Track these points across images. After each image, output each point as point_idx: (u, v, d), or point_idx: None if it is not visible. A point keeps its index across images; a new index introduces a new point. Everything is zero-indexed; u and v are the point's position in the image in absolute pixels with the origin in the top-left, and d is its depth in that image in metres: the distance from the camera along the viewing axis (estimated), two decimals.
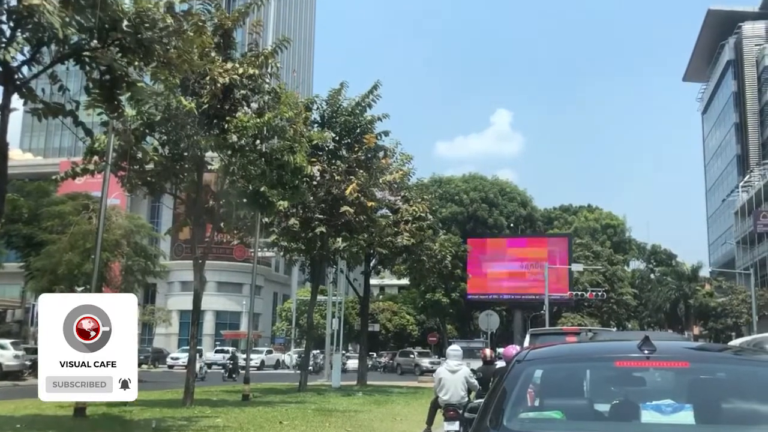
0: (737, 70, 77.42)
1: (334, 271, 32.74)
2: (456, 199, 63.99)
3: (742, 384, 3.69)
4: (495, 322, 34.84)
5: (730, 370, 3.87)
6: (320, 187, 21.65)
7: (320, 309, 46.53)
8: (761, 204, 61.78)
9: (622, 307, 65.66)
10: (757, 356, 4.38)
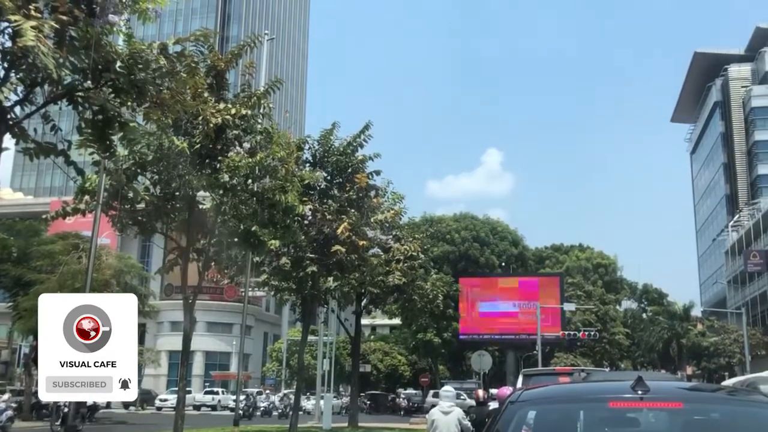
0: (724, 111, 78.59)
1: (325, 310, 32.55)
2: (447, 239, 64.04)
3: (737, 425, 3.69)
4: (487, 362, 34.62)
5: (724, 411, 3.87)
6: (312, 226, 21.61)
7: (311, 349, 46.13)
8: (751, 243, 62.13)
9: (615, 347, 65.41)
10: (751, 397, 4.36)
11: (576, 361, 55.36)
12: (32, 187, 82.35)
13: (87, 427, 23.76)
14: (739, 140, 75.87)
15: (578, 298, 62.12)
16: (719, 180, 79.74)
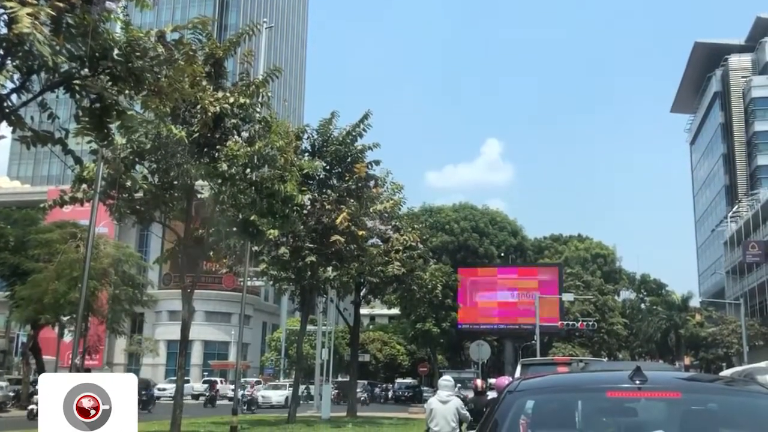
0: (724, 102, 78.46)
1: (324, 300, 32.57)
2: (446, 229, 64.02)
3: (734, 415, 3.69)
4: (486, 352, 34.65)
5: (721, 401, 3.87)
6: (311, 216, 21.60)
7: (310, 339, 46.16)
8: (750, 234, 62.14)
9: (613, 337, 65.54)
10: (748, 387, 4.34)
11: (574, 351, 55.47)
12: (29, 176, 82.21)
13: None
14: (739, 131, 75.78)
15: (577, 288, 62.20)
16: (718, 171, 79.71)
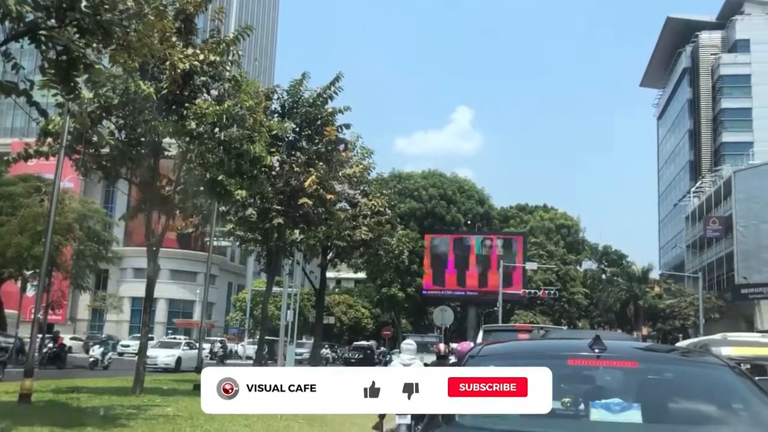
0: (693, 78, 79.21)
1: (290, 262, 32.62)
2: (415, 195, 64.31)
3: (689, 385, 3.80)
4: (449, 317, 35.09)
5: (677, 371, 3.99)
6: (279, 178, 21.53)
7: (275, 300, 46.23)
8: (711, 210, 63.40)
9: (574, 306, 66.84)
10: (703, 358, 4.48)
11: (535, 318, 56.51)
12: None
13: (52, 372, 23.66)
14: (706, 107, 76.68)
15: (540, 258, 63.10)
16: (684, 146, 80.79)
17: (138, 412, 11.84)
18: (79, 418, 10.51)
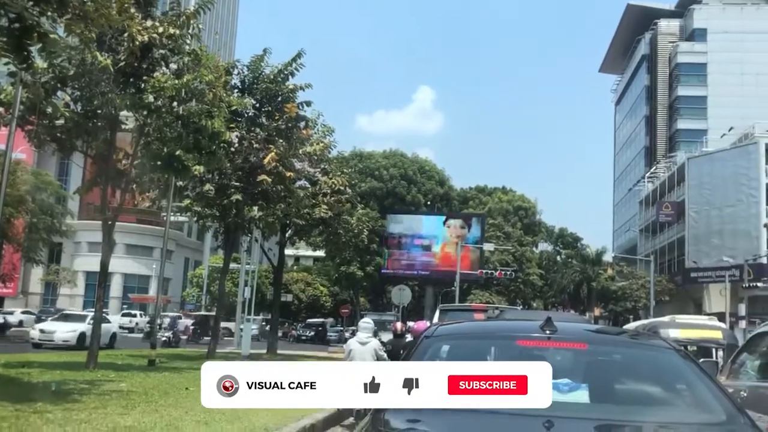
0: (651, 65, 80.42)
1: (248, 239, 32.38)
2: (376, 175, 64.37)
3: (635, 366, 3.91)
4: (407, 296, 35.40)
5: (624, 353, 4.10)
6: (238, 154, 21.27)
7: (233, 277, 46.04)
8: (665, 195, 64.81)
9: (529, 287, 67.93)
10: (650, 341, 4.61)
11: (491, 298, 57.26)
12: None
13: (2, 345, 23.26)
14: (663, 94, 77.99)
15: (498, 239, 63.87)
16: (640, 132, 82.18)
17: (91, 388, 11.72)
18: (29, 394, 10.37)
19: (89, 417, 8.49)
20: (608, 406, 3.48)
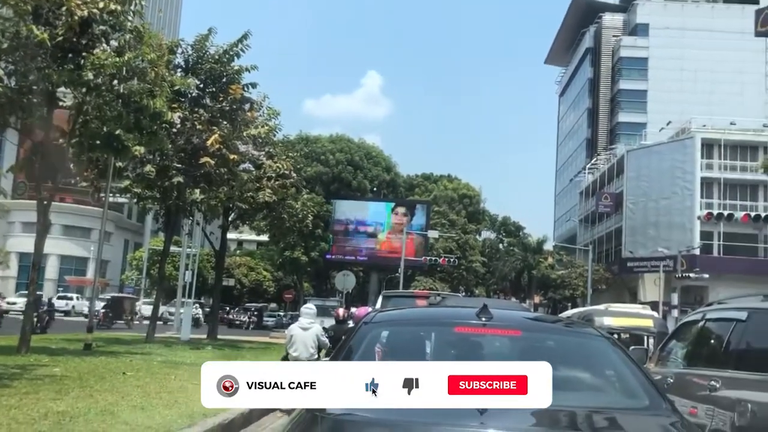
0: (595, 58, 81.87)
1: (190, 222, 31.89)
2: (322, 159, 64.08)
3: (567, 353, 4.00)
4: (351, 282, 35.46)
5: (557, 340, 4.22)
6: (180, 135, 20.88)
7: (174, 260, 45.31)
8: (604, 186, 66.29)
9: (472, 274, 68.82)
10: (582, 329, 4.71)
11: (435, 285, 57.78)
12: None
13: None
14: (605, 87, 79.57)
15: (442, 226, 64.45)
16: (582, 124, 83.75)
17: (23, 372, 11.41)
18: None
19: (20, 402, 8.26)
20: None
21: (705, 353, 6.64)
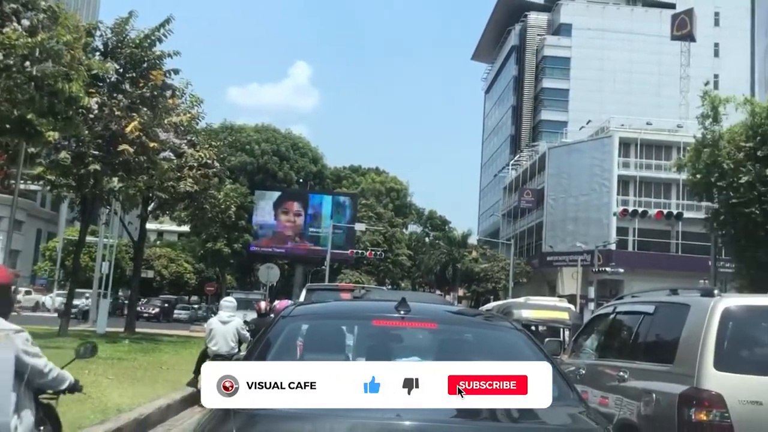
0: (520, 56, 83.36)
1: (107, 212, 30.88)
2: (247, 149, 63.05)
3: (482, 345, 4.13)
4: (275, 275, 35.06)
5: (472, 333, 4.35)
6: (98, 121, 20.14)
7: (90, 251, 43.80)
8: (527, 182, 67.82)
9: (398, 267, 69.20)
10: (497, 321, 4.87)
11: (361, 278, 57.80)
12: None
13: None
14: (529, 85, 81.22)
15: (370, 219, 64.56)
16: (507, 120, 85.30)
17: None
18: None
19: None
20: None
21: (615, 345, 6.86)
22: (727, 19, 73.28)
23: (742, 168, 22.26)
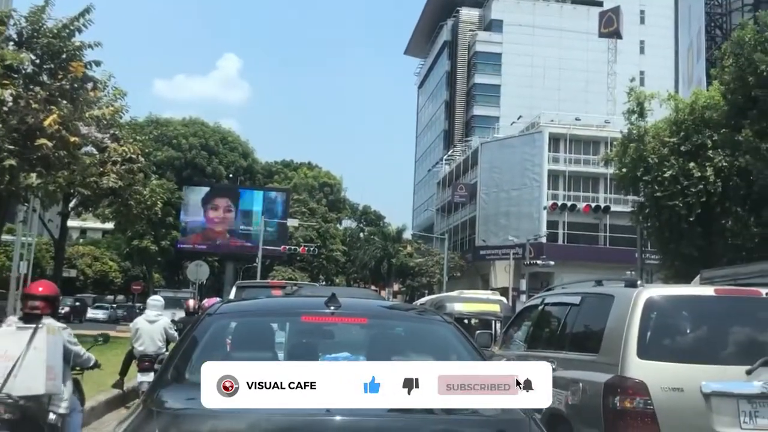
0: (452, 51, 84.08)
1: (25, 209, 29.62)
2: (174, 144, 61.59)
3: (412, 339, 4.18)
4: (204, 272, 34.38)
5: (403, 326, 4.40)
6: (13, 114, 19.19)
7: (6, 250, 42.06)
8: (460, 177, 68.57)
9: (332, 263, 69.06)
10: (428, 315, 4.88)
11: (294, 274, 57.41)
12: None
13: None
14: (462, 81, 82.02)
15: (302, 215, 64.19)
16: (440, 116, 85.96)
17: None
18: None
19: None
20: None
21: (544, 336, 6.89)
22: (652, 17, 75.50)
23: (666, 162, 22.88)
